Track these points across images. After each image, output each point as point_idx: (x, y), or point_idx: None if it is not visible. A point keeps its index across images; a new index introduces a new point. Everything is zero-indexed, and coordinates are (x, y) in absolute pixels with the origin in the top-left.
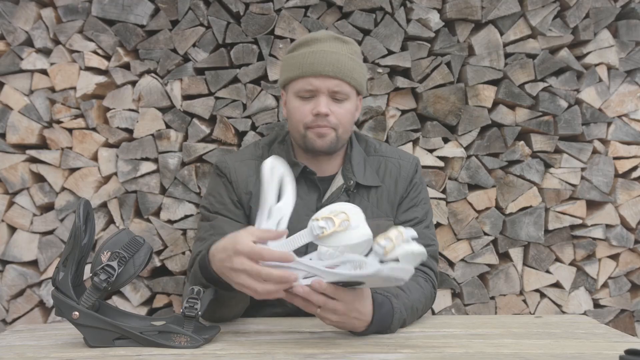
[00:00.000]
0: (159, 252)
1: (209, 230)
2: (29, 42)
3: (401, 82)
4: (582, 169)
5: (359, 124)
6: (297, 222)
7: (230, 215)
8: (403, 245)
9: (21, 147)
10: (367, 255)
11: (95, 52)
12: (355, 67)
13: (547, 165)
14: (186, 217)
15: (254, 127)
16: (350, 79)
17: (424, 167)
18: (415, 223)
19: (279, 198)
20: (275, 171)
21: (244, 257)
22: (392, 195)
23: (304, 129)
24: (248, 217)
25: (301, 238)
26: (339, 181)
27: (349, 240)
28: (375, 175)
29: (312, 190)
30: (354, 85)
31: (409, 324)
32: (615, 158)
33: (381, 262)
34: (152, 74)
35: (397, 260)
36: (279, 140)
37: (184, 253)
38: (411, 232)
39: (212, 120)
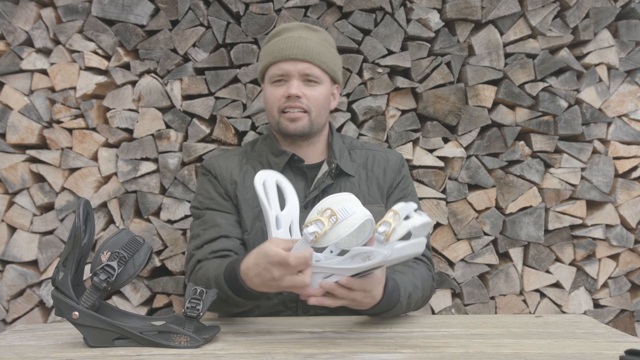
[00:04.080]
0: (159, 252)
1: (201, 225)
2: (29, 42)
3: (401, 82)
4: (582, 169)
5: (359, 124)
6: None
7: (220, 208)
8: (403, 223)
9: (21, 147)
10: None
11: (95, 52)
12: (325, 52)
13: (547, 165)
14: (186, 217)
15: (254, 127)
16: (320, 63)
17: (424, 167)
18: None
19: (282, 205)
20: (267, 183)
21: (277, 265)
22: (381, 182)
23: (278, 114)
24: (236, 207)
25: (300, 248)
26: (324, 168)
27: (345, 231)
28: (351, 166)
29: (300, 178)
30: (325, 70)
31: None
32: (615, 158)
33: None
34: (152, 74)
35: (407, 236)
36: (262, 137)
37: (184, 253)
38: (411, 206)
39: (212, 120)
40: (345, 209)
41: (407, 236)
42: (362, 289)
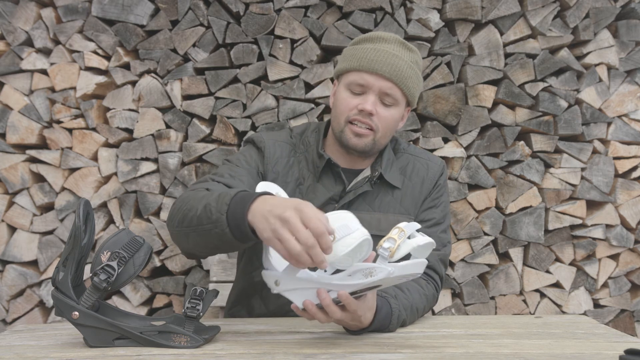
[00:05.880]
0: (159, 252)
1: (229, 170)
2: (29, 42)
3: None
4: (582, 169)
5: None
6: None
7: (252, 175)
8: (407, 241)
9: (21, 147)
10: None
11: (95, 52)
12: (412, 77)
13: (547, 165)
14: None
15: (254, 127)
16: (404, 86)
17: None
18: (432, 224)
19: None
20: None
21: (298, 210)
22: (416, 194)
23: (345, 123)
24: None
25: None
26: (366, 172)
27: (343, 250)
28: (398, 177)
29: (339, 182)
30: (406, 94)
31: (410, 323)
32: (615, 158)
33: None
34: (152, 74)
35: (407, 256)
36: (312, 128)
37: None
38: (414, 226)
39: (212, 120)
40: (345, 226)
41: (406, 256)
42: (354, 311)
